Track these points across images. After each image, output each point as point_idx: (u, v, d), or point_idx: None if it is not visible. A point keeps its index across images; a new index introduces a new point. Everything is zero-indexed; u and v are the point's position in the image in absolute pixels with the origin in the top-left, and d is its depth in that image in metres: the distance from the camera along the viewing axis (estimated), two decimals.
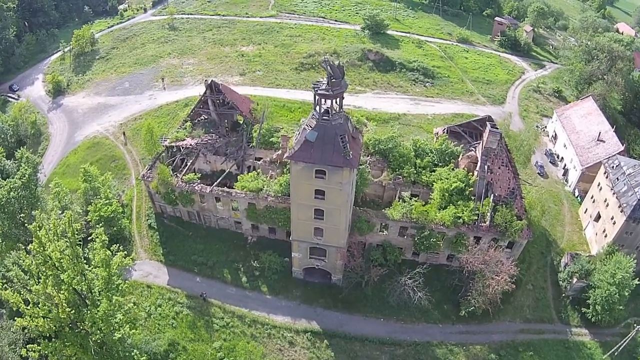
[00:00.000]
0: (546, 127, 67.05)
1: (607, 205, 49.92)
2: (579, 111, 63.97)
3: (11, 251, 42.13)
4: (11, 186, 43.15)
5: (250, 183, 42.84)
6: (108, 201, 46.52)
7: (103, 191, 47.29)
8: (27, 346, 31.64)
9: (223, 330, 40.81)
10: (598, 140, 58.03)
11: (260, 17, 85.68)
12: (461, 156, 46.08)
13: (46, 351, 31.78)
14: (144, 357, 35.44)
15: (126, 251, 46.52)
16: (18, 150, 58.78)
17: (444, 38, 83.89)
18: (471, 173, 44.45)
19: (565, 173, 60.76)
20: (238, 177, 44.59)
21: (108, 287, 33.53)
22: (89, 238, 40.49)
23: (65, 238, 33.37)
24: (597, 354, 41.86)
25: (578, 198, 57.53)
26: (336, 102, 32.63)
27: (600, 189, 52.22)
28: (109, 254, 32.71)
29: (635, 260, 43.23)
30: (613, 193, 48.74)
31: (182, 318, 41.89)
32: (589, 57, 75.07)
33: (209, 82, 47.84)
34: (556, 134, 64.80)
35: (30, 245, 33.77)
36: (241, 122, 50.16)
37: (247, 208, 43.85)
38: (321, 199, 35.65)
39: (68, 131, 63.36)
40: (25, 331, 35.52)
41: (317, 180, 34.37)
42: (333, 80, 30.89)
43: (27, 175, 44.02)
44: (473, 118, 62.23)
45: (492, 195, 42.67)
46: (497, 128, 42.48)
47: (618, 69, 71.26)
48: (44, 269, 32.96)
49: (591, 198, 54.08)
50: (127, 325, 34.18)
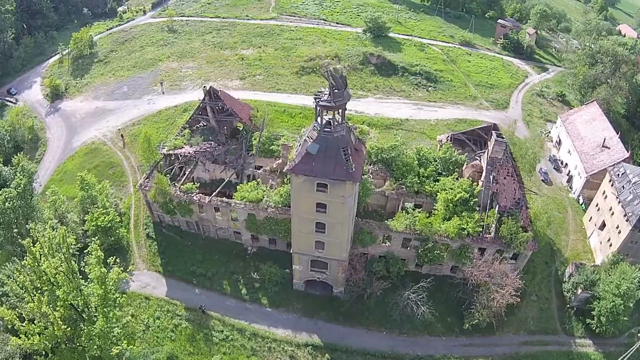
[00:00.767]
0: (550, 133, 65.76)
1: (612, 214, 48.75)
2: (584, 116, 62.67)
3: (7, 263, 41.09)
4: (6, 196, 42.02)
5: (249, 193, 41.67)
6: (105, 210, 45.42)
7: (100, 200, 46.16)
8: None
9: (222, 343, 39.80)
10: (603, 146, 56.77)
11: (260, 20, 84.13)
12: (465, 165, 44.88)
13: None
14: None
15: (124, 261, 46.27)
16: (15, 156, 57.82)
17: (447, 41, 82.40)
18: (476, 183, 43.26)
19: (569, 180, 59.53)
20: (237, 187, 43.43)
21: (105, 303, 32.54)
22: (86, 250, 39.57)
23: (60, 252, 32.42)
24: None
25: (582, 205, 56.33)
26: (338, 114, 31.46)
27: (605, 197, 51.04)
28: (105, 272, 31.66)
29: None
30: (618, 202, 47.57)
31: (181, 331, 40.85)
32: (593, 61, 73.64)
33: (208, 89, 46.57)
34: (560, 140, 63.53)
35: (24, 260, 32.88)
36: (241, 129, 48.97)
37: (247, 219, 42.70)
38: (323, 212, 34.49)
39: (66, 137, 62.10)
40: (21, 347, 34.56)
41: (319, 193, 33.21)
42: (335, 90, 29.66)
43: (23, 185, 42.90)
44: (477, 124, 61.32)
45: (497, 205, 41.53)
46: (503, 137, 41.26)
47: (622, 73, 69.87)
48: (39, 285, 32.08)
49: (596, 206, 52.89)
50: (125, 339, 33.24)
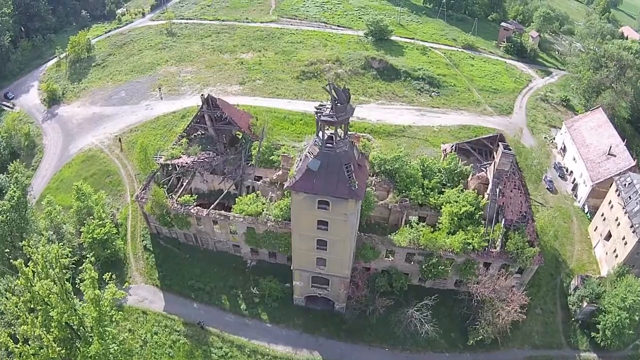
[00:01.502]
0: (554, 139, 63.96)
1: (619, 224, 47.11)
2: (589, 123, 60.78)
3: (1, 278, 39.58)
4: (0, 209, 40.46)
5: (249, 207, 39.97)
6: (101, 222, 43.79)
7: (96, 211, 44.48)
8: None
9: None
10: (609, 154, 54.94)
11: (260, 22, 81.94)
12: (471, 176, 43.15)
13: None
14: None
15: (121, 274, 44.63)
16: (11, 163, 56.27)
17: (449, 44, 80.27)
18: (481, 195, 41.57)
19: (574, 188, 57.77)
20: (236, 200, 41.73)
21: (100, 324, 31.08)
22: (81, 267, 38.13)
23: (53, 270, 31.02)
24: None
25: (588, 214, 54.64)
26: (341, 128, 29.73)
27: (611, 207, 49.34)
28: (99, 294, 30.15)
29: None
30: (625, 212, 45.92)
31: (179, 347, 39.30)
32: (597, 65, 71.70)
33: (206, 97, 44.76)
34: (565, 146, 61.70)
35: (17, 280, 31.46)
36: (240, 137, 47.20)
37: (246, 232, 41.06)
38: (324, 230, 32.85)
39: (62, 143, 60.34)
40: None
41: (320, 211, 31.53)
42: (338, 105, 27.91)
43: (17, 197, 41.27)
44: (480, 130, 59.61)
45: (503, 219, 39.88)
46: (510, 149, 39.48)
47: (628, 78, 67.95)
48: (33, 306, 30.79)
49: (601, 216, 51.22)
50: (123, 357, 31.84)
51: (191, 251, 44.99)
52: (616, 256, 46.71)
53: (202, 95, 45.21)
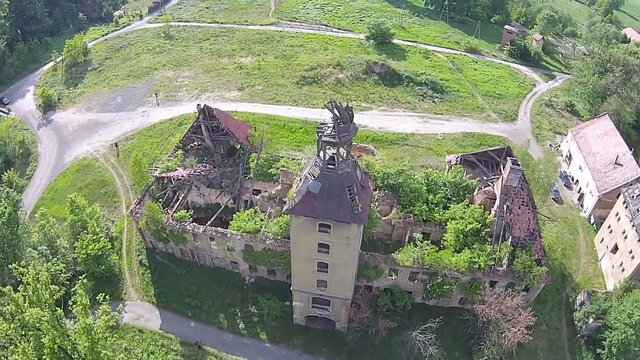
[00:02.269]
0: (560, 146, 61.57)
1: (626, 237, 44.90)
2: (595, 131, 58.35)
3: None
4: None
5: (246, 224, 37.77)
6: (96, 237, 41.67)
7: (90, 225, 42.32)
8: None
9: None
10: (616, 163, 52.59)
11: (260, 25, 79.15)
12: (477, 191, 40.92)
13: None
14: None
15: (116, 290, 42.63)
16: (5, 172, 54.03)
17: (452, 47, 77.53)
18: (487, 211, 39.39)
19: (580, 198, 55.52)
20: (233, 216, 39.51)
21: (93, 351, 29.26)
22: (73, 289, 36.28)
23: (44, 296, 29.20)
24: None
25: (594, 225, 52.47)
26: (343, 148, 27.46)
27: (618, 219, 47.11)
28: (90, 323, 28.21)
29: None
30: (632, 225, 43.69)
31: None
32: (602, 69, 69.11)
33: (202, 107, 42.38)
34: (571, 154, 59.34)
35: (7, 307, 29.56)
36: (238, 147, 44.85)
37: (244, 249, 38.95)
38: (325, 253, 30.75)
39: (57, 151, 57.97)
40: None
41: (321, 234, 29.39)
42: (340, 124, 25.60)
43: (7, 213, 39.09)
44: (485, 138, 57.22)
45: (510, 237, 37.73)
46: (518, 164, 37.19)
47: (634, 84, 65.40)
48: (24, 332, 29.07)
49: (608, 228, 48.99)
50: None
51: (188, 267, 42.92)
52: (622, 270, 44.61)
53: (198, 105, 42.83)
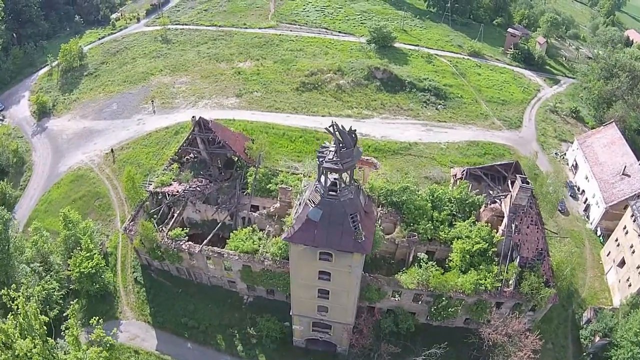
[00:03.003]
0: (565, 154, 59.07)
1: (633, 252, 42.60)
2: (602, 140, 55.75)
3: None
4: None
5: (244, 244, 35.47)
6: (89, 254, 39.47)
7: (84, 242, 40.09)
8: None
9: None
10: (623, 174, 50.11)
11: (259, 28, 76.17)
12: (484, 207, 38.55)
13: None
14: None
15: (111, 309, 40.51)
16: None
17: (455, 51, 74.65)
18: (495, 229, 37.07)
19: (586, 209, 53.15)
20: (230, 234, 37.18)
21: None
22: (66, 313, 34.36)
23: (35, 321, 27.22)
24: None
25: (600, 238, 50.18)
26: (346, 173, 25.08)
27: (626, 233, 44.72)
28: (81, 357, 26.16)
29: None
30: None
31: None
32: (608, 75, 66.35)
33: (197, 119, 39.87)
34: (577, 163, 56.84)
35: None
36: (236, 159, 42.40)
37: (242, 270, 36.72)
38: (326, 280, 28.53)
39: (51, 160, 55.54)
40: None
41: (322, 262, 27.16)
42: (343, 149, 23.19)
43: None
44: (490, 147, 54.69)
45: (518, 257, 35.47)
46: (528, 182, 34.76)
47: None
48: None
49: (615, 241, 46.64)
50: None
51: (184, 285, 40.73)
52: (629, 285, 42.39)
53: (193, 117, 40.32)
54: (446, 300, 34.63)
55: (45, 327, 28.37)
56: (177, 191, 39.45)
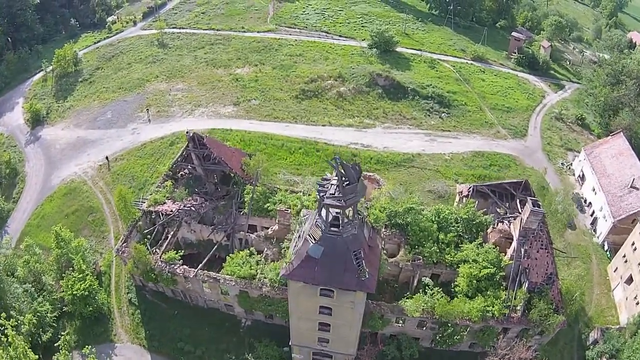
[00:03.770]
0: (571, 165, 56.50)
1: None
2: (609, 150, 53.05)
3: None
4: None
5: (241, 268, 33.17)
6: (82, 275, 37.21)
7: (76, 262, 37.80)
8: None
9: None
10: (631, 187, 47.63)
11: (257, 32, 73.06)
12: (491, 228, 36.20)
13: None
14: None
15: (105, 331, 38.40)
16: None
17: (458, 56, 71.69)
18: (503, 252, 34.77)
19: (593, 222, 50.73)
20: (227, 257, 34.80)
21: None
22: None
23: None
24: None
25: (608, 253, 47.86)
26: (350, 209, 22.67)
27: (634, 249, 42.37)
28: None
29: None
30: None
31: None
32: (614, 81, 63.46)
33: (191, 135, 37.29)
34: (583, 174, 54.28)
35: None
36: (233, 175, 39.91)
37: (239, 295, 34.49)
38: (327, 315, 26.32)
39: (44, 172, 52.96)
40: None
41: (323, 298, 24.92)
42: (346, 185, 20.74)
43: None
44: (495, 157, 52.31)
45: (527, 282, 33.23)
46: (539, 204, 32.32)
47: None
48: None
49: (623, 257, 44.27)
50: None
51: (180, 307, 38.50)
52: (637, 303, 40.17)
53: (187, 132, 37.74)
54: (452, 327, 32.55)
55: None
56: (171, 210, 37.05)
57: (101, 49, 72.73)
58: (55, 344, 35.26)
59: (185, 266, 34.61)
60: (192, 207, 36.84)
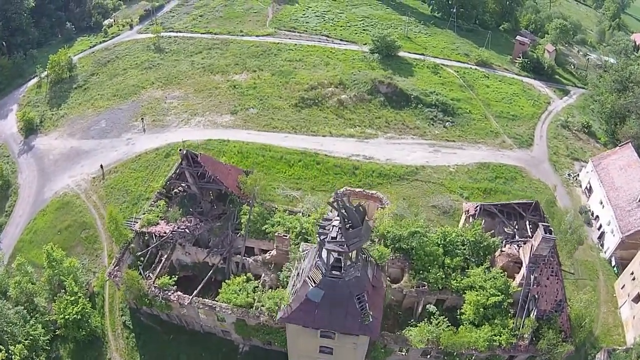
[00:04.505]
0: (578, 176, 54.07)
1: None
2: (618, 162, 50.44)
3: None
4: None
5: (237, 297, 31.03)
6: (74, 297, 35.16)
7: (68, 284, 35.75)
8: None
9: None
10: None
11: (256, 36, 70.08)
12: (499, 252, 33.99)
13: None
14: None
15: (99, 355, 36.31)
16: None
17: (461, 60, 68.77)
18: (511, 277, 32.61)
19: (600, 236, 48.48)
20: (222, 284, 32.63)
21: None
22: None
23: None
24: None
25: (615, 268, 45.69)
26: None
27: None
28: None
29: None
30: None
31: None
32: (621, 87, 60.72)
33: (184, 153, 34.87)
34: (591, 186, 51.90)
35: None
36: (229, 194, 37.57)
37: (236, 322, 32.43)
38: (329, 354, 24.27)
39: (37, 184, 50.61)
40: None
41: (324, 339, 22.84)
42: (349, 228, 18.44)
43: None
44: (501, 169, 49.88)
45: (536, 310, 31.15)
46: (551, 230, 30.03)
47: None
48: None
49: (631, 274, 42.02)
50: None
51: (175, 331, 36.42)
52: None
53: (180, 150, 35.33)
54: (457, 357, 30.56)
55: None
56: (165, 232, 34.79)
57: (97, 54, 69.82)
58: None
59: (179, 293, 32.48)
60: (187, 229, 34.60)
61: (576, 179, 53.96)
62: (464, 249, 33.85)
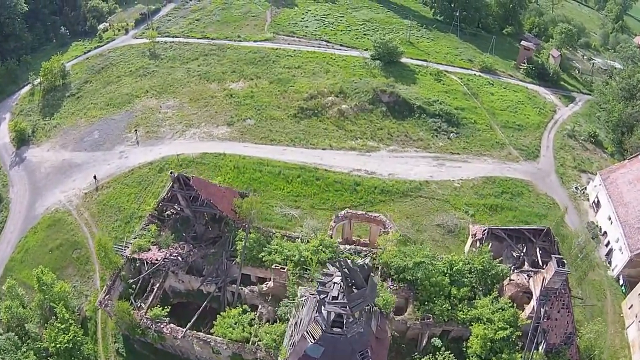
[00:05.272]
0: (585, 189, 51.66)
1: None
2: (627, 175, 47.86)
3: None
4: None
5: (232, 331, 28.94)
6: (65, 325, 33.11)
7: (59, 310, 33.68)
8: None
9: None
10: None
11: (254, 42, 67.09)
12: (507, 280, 31.81)
13: None
14: None
15: None
16: None
17: (465, 66, 65.90)
18: (520, 308, 30.48)
19: (608, 253, 46.31)
20: (217, 317, 30.48)
21: None
22: None
23: None
24: None
25: (623, 288, 43.57)
26: None
27: None
28: None
29: None
30: None
31: None
32: (628, 95, 58.01)
33: (175, 175, 32.47)
34: (599, 201, 49.51)
35: None
36: (224, 216, 35.21)
37: (232, 356, 30.41)
38: None
39: (29, 199, 48.25)
40: None
41: None
42: (352, 290, 16.15)
43: None
44: (507, 183, 47.50)
45: (545, 343, 29.09)
46: (564, 262, 27.77)
47: None
48: None
49: (639, 295, 40.33)
50: None
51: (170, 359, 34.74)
52: None
53: (172, 173, 32.91)
54: None
55: None
56: (157, 259, 32.55)
57: (91, 60, 66.84)
58: None
59: (172, 325, 30.38)
60: (179, 257, 32.37)
61: (583, 192, 51.62)
62: (471, 277, 31.70)
